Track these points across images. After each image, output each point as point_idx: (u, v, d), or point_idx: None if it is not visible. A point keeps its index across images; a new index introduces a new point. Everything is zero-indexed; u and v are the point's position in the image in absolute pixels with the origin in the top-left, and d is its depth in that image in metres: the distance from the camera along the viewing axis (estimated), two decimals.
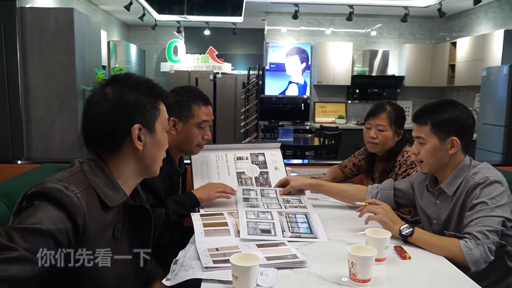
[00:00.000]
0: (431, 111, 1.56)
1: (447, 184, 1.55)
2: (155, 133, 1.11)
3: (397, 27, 7.17)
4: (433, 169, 1.57)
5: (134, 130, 1.06)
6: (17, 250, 0.84)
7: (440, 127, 1.51)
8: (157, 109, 1.12)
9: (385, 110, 2.10)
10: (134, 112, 1.07)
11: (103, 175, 1.05)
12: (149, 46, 8.86)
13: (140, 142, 1.08)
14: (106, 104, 1.06)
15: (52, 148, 4.09)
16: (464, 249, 1.33)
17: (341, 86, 7.18)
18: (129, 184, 1.13)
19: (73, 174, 1.01)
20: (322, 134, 5.27)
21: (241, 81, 7.83)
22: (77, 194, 0.96)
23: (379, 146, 2.10)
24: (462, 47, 6.28)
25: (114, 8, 7.10)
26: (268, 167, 2.00)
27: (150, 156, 1.12)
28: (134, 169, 1.11)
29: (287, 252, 1.28)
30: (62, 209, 0.93)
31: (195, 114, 1.75)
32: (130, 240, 1.12)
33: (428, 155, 1.54)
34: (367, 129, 2.14)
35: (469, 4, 5.50)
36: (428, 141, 1.53)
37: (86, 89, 4.17)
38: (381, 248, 1.27)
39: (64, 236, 0.92)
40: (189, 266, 1.17)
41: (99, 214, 1.00)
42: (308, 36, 7.24)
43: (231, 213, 1.58)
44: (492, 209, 1.39)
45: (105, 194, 1.03)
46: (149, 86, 1.12)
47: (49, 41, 3.98)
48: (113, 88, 1.08)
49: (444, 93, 7.21)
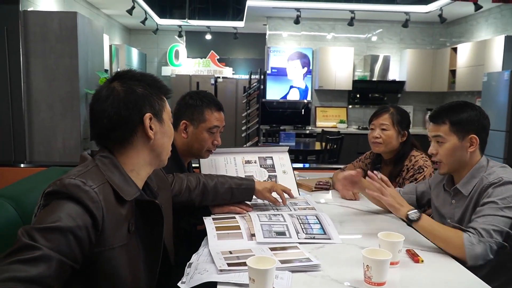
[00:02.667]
0: (449, 110, 1.56)
1: (463, 184, 1.56)
2: (164, 122, 1.16)
3: (398, 33, 7.21)
4: (452, 169, 1.58)
5: (146, 119, 1.10)
6: (40, 249, 0.85)
7: (459, 126, 1.52)
8: (163, 100, 1.17)
9: (388, 111, 2.15)
10: (144, 102, 1.10)
11: (117, 170, 1.07)
12: (150, 50, 8.89)
13: (152, 131, 1.11)
14: (117, 97, 1.08)
15: (55, 151, 4.08)
16: (467, 242, 1.33)
17: (342, 90, 7.20)
18: (141, 176, 1.15)
19: (89, 169, 1.03)
20: (324, 139, 5.27)
21: (242, 86, 7.86)
22: (94, 189, 0.97)
23: (382, 146, 2.12)
24: (462, 53, 6.31)
25: (116, 12, 7.12)
26: (276, 170, 2.00)
27: (160, 145, 1.15)
28: (146, 159, 1.14)
29: (301, 256, 1.28)
30: (81, 205, 0.94)
31: (206, 118, 1.75)
32: (142, 235, 1.14)
33: (447, 154, 1.54)
34: (372, 129, 2.18)
35: (470, 10, 5.54)
36: (447, 140, 1.54)
37: (89, 92, 4.17)
38: (394, 251, 1.26)
39: (84, 232, 0.93)
40: (204, 270, 1.16)
41: (116, 209, 1.03)
42: (309, 41, 7.26)
43: (243, 217, 1.58)
44: (501, 209, 1.39)
45: (121, 188, 1.04)
46: (153, 79, 1.17)
47: (52, 44, 3.98)
48: (120, 82, 1.11)
49: (444, 98, 7.23)
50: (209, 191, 1.59)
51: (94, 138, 1.13)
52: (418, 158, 2.07)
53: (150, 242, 1.16)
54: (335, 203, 2.01)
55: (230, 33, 7.73)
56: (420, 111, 7.43)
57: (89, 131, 1.15)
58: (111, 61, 6.61)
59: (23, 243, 0.86)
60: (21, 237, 0.87)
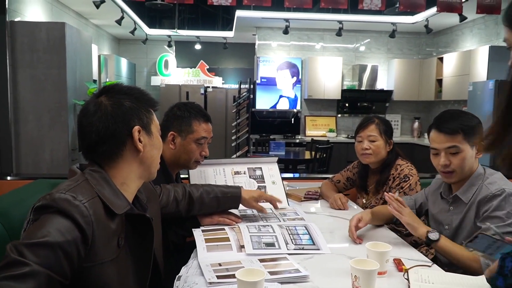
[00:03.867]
0: (459, 119, 1.54)
1: (463, 191, 1.58)
2: (152, 135, 1.17)
3: (386, 43, 7.32)
4: (462, 177, 1.58)
5: (135, 131, 1.10)
6: (29, 265, 0.85)
7: (471, 134, 1.53)
8: (151, 112, 1.17)
9: (374, 121, 2.17)
10: (132, 115, 1.11)
11: (107, 184, 1.07)
12: (139, 60, 8.88)
13: (141, 143, 1.12)
14: (105, 111, 1.09)
15: (42, 163, 4.04)
16: (484, 266, 1.35)
17: (331, 100, 7.27)
18: (131, 189, 1.15)
19: (78, 184, 1.03)
20: (314, 148, 5.30)
21: (232, 95, 7.88)
22: (85, 204, 0.97)
23: (372, 157, 2.14)
24: (448, 63, 6.42)
25: (105, 23, 7.12)
26: (265, 181, 2.01)
27: (150, 157, 1.16)
28: (135, 172, 1.14)
29: (290, 267, 1.28)
30: (71, 219, 0.94)
31: (194, 129, 1.76)
32: (133, 249, 1.13)
33: (463, 164, 1.53)
34: (359, 142, 2.19)
35: (455, 21, 5.64)
36: (462, 150, 1.53)
37: (77, 103, 4.14)
38: (382, 261, 1.28)
39: (73, 247, 0.93)
40: (193, 282, 1.16)
41: (106, 223, 1.02)
42: (298, 50, 7.33)
43: (233, 228, 1.58)
44: (508, 225, 1.42)
45: (111, 202, 1.04)
46: (140, 92, 1.18)
47: (40, 55, 3.96)
48: (107, 97, 1.11)
49: (432, 107, 7.34)
50: (195, 201, 1.60)
51: (83, 152, 1.13)
52: (403, 167, 2.10)
53: (140, 255, 1.16)
54: (324, 213, 2.02)
55: (220, 43, 7.76)
56: (408, 120, 7.52)
57: (77, 142, 1.15)
58: (99, 71, 6.59)
59: (11, 259, 0.85)
60: (10, 252, 0.86)
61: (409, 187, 2.02)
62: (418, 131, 7.26)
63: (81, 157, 1.16)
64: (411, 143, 6.68)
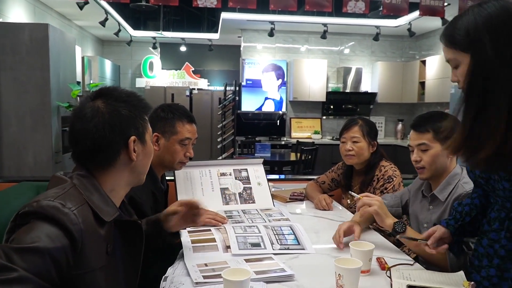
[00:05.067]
0: (431, 119, 1.65)
1: (439, 190, 1.65)
2: (146, 143, 1.16)
3: (369, 46, 7.41)
4: (433, 175, 1.66)
5: (131, 142, 1.09)
6: (16, 270, 0.84)
7: (442, 133, 1.61)
8: (146, 120, 1.16)
9: (357, 123, 2.21)
10: (129, 125, 1.10)
11: (96, 191, 1.05)
12: (124, 62, 8.81)
13: (135, 153, 1.11)
14: (102, 118, 1.06)
15: (25, 166, 3.98)
16: (450, 255, 1.41)
17: (316, 102, 7.33)
18: (120, 195, 1.14)
19: (67, 191, 1.01)
20: (299, 149, 5.33)
21: (218, 97, 7.88)
22: (74, 211, 0.96)
23: (355, 158, 2.18)
24: (431, 65, 6.54)
25: (89, 24, 7.05)
26: (251, 182, 2.02)
27: (142, 165, 1.16)
28: (126, 180, 1.13)
29: (275, 266, 1.30)
30: (59, 227, 0.92)
31: (178, 131, 1.76)
32: (122, 256, 1.12)
33: (431, 160, 1.62)
34: (343, 143, 2.23)
35: (438, 25, 5.77)
36: (431, 147, 1.62)
37: (60, 105, 4.10)
38: (365, 260, 1.30)
39: (62, 254, 0.91)
40: (180, 283, 1.17)
41: (95, 230, 1.01)
42: (283, 53, 7.38)
43: (219, 229, 1.59)
44: None
45: (100, 209, 1.03)
46: (138, 99, 1.15)
47: (22, 57, 3.91)
48: (104, 102, 1.08)
49: (415, 109, 7.46)
50: None
51: (74, 157, 1.10)
52: (387, 168, 2.14)
53: (129, 261, 1.15)
54: (309, 214, 2.05)
55: (205, 45, 7.76)
56: (391, 122, 7.63)
57: (61, 144, 1.14)
58: (83, 73, 6.52)
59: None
60: None
61: (393, 188, 2.06)
62: (402, 133, 7.37)
63: (65, 159, 1.15)
64: (395, 145, 6.78)
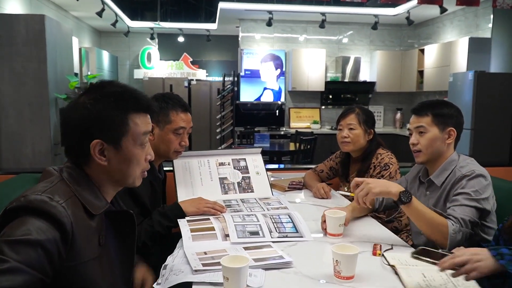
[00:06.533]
0: (432, 105, 1.70)
1: (436, 175, 1.68)
2: (121, 148, 1.06)
3: (368, 35, 7.38)
4: (429, 159, 1.69)
5: (92, 146, 1.03)
6: (8, 261, 0.84)
7: (441, 118, 1.66)
8: (125, 123, 1.06)
9: (354, 111, 2.25)
10: (97, 128, 1.04)
11: (85, 183, 1.05)
12: (122, 53, 8.76)
13: (104, 157, 1.05)
14: (74, 117, 1.05)
15: (24, 158, 3.98)
16: (451, 231, 1.44)
17: (315, 92, 7.31)
18: (109, 193, 1.12)
19: (54, 185, 1.01)
20: (298, 139, 5.34)
21: (216, 88, 7.86)
22: (62, 204, 0.95)
23: (351, 145, 2.21)
24: (430, 54, 6.52)
25: (86, 15, 7.00)
26: (250, 172, 2.03)
27: (118, 171, 1.08)
28: (107, 180, 1.09)
29: (274, 254, 1.31)
30: (49, 220, 0.92)
31: (172, 120, 1.76)
32: (115, 247, 1.12)
33: (428, 143, 1.66)
34: (339, 130, 2.27)
35: (436, 13, 5.73)
36: (429, 130, 1.66)
37: (58, 97, 4.09)
38: (335, 225, 1.51)
39: (54, 246, 0.91)
40: (179, 270, 1.18)
41: (85, 222, 1.01)
42: (282, 43, 7.34)
43: (218, 218, 1.60)
44: (474, 200, 1.51)
45: (88, 202, 1.02)
46: (118, 99, 1.07)
47: (19, 48, 3.88)
48: (84, 100, 1.06)
49: (413, 98, 7.45)
50: None
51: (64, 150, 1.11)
52: (384, 156, 2.16)
53: (122, 251, 1.14)
54: (308, 202, 2.06)
55: (203, 35, 7.72)
56: (390, 111, 7.63)
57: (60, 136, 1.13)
58: (81, 65, 6.49)
59: None
60: None
61: (389, 175, 2.08)
62: (400, 122, 7.38)
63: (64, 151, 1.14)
64: (394, 134, 6.79)
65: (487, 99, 4.90)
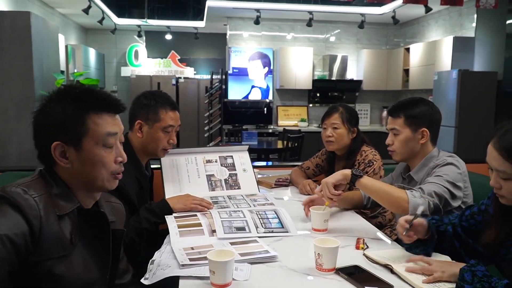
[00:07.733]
0: (405, 106, 1.75)
1: (415, 171, 1.74)
2: (82, 150, 1.06)
3: (355, 33, 7.45)
4: (404, 158, 1.76)
5: (52, 148, 1.05)
6: None
7: (413, 120, 1.70)
8: (84, 124, 1.06)
9: (338, 110, 2.28)
10: (55, 129, 1.05)
11: (56, 185, 1.06)
12: (108, 50, 8.69)
13: (66, 159, 1.06)
14: (37, 121, 1.08)
15: (10, 156, 3.94)
16: (409, 195, 1.51)
17: (303, 90, 7.36)
18: (84, 195, 1.11)
19: (33, 180, 1.04)
20: (285, 137, 5.38)
21: (204, 86, 7.86)
22: (35, 198, 0.98)
23: (335, 144, 2.25)
24: (415, 53, 6.62)
25: (72, 11, 6.93)
26: (236, 169, 2.06)
27: (82, 173, 1.07)
28: (76, 184, 1.09)
29: (260, 248, 1.34)
30: (19, 212, 0.95)
31: (161, 118, 1.78)
32: (90, 246, 1.10)
33: (401, 144, 1.72)
34: (324, 129, 2.30)
35: (421, 12, 5.82)
36: (402, 132, 1.72)
37: (44, 94, 4.04)
38: (320, 221, 1.56)
39: (21, 239, 0.94)
40: (166, 265, 1.21)
41: (56, 219, 1.02)
42: (269, 41, 7.37)
43: (205, 214, 1.63)
44: (444, 180, 1.56)
45: (55, 203, 1.03)
46: (76, 99, 1.07)
47: (4, 45, 3.85)
48: (46, 104, 1.08)
49: (399, 96, 7.54)
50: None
51: None
52: (368, 152, 2.20)
53: (98, 248, 1.13)
54: (294, 199, 2.10)
55: (191, 33, 7.70)
56: (377, 109, 7.72)
57: None
58: (67, 62, 6.43)
59: None
60: None
61: (373, 172, 2.13)
62: (386, 120, 7.44)
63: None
64: (380, 132, 6.87)
65: (471, 97, 5.00)
